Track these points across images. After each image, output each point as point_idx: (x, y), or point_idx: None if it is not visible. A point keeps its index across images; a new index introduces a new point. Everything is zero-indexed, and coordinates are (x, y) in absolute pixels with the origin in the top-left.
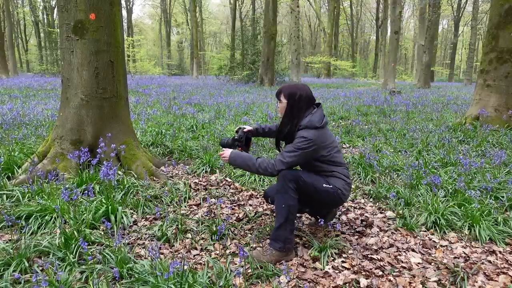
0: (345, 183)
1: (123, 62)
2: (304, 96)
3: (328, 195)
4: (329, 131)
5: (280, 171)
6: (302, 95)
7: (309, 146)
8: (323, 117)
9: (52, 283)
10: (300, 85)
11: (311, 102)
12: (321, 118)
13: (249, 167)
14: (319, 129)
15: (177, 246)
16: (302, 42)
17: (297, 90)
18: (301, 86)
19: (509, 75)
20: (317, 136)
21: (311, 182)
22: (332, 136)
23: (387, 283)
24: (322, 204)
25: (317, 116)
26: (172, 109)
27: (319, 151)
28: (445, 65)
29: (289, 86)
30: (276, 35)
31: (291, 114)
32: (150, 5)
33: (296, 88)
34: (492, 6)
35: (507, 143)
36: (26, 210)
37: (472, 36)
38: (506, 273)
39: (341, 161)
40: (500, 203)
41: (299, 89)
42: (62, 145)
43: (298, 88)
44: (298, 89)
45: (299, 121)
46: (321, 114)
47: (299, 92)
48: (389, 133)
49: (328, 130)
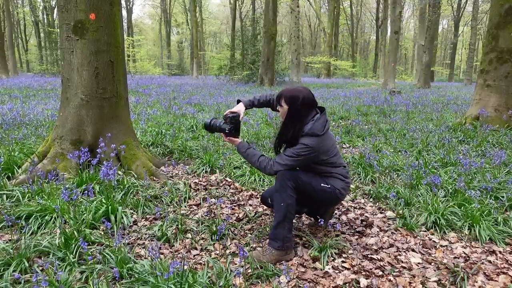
0: (344, 183)
1: (123, 62)
2: (306, 100)
3: (325, 194)
4: (330, 134)
5: (276, 172)
6: (304, 99)
7: (309, 153)
8: (325, 124)
9: (52, 283)
10: (301, 88)
11: (313, 106)
12: (323, 125)
13: (252, 162)
14: (321, 136)
15: (177, 246)
16: (302, 42)
17: (299, 94)
18: (302, 90)
19: (509, 75)
20: (318, 143)
21: (309, 182)
22: (332, 139)
23: (387, 283)
24: (319, 203)
25: (320, 123)
26: (172, 109)
27: (319, 156)
28: (445, 65)
29: (290, 90)
30: (276, 35)
31: (293, 119)
32: (150, 5)
33: (298, 92)
34: (492, 6)
35: (507, 143)
36: (26, 210)
37: (472, 36)
38: (506, 273)
39: (340, 162)
40: (500, 203)
41: (300, 93)
42: (62, 145)
43: (299, 92)
44: (299, 93)
45: (302, 127)
46: (324, 120)
47: (300, 96)
48: (389, 133)
49: (329, 134)
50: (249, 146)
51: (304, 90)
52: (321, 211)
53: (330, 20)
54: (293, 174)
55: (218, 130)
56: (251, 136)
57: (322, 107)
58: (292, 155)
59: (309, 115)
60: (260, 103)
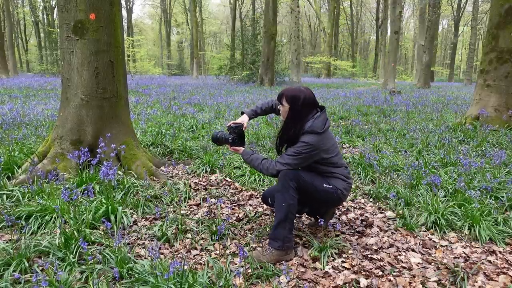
0: (346, 184)
1: (123, 62)
2: (307, 100)
3: (327, 195)
4: (331, 133)
5: (279, 171)
6: (305, 98)
7: (310, 151)
8: (325, 122)
9: (52, 283)
10: (303, 88)
11: (314, 105)
12: (323, 123)
13: (255, 166)
14: (321, 134)
15: (177, 246)
16: (302, 42)
17: (300, 93)
18: (304, 90)
19: (509, 75)
20: (318, 141)
21: (311, 182)
22: (333, 139)
23: (387, 283)
24: (321, 204)
25: (320, 121)
26: (172, 109)
27: (320, 154)
28: (445, 65)
29: (292, 90)
30: (276, 35)
31: (294, 118)
32: (150, 5)
33: (299, 91)
34: (492, 6)
35: (507, 143)
36: (26, 210)
37: (472, 36)
38: (506, 273)
39: (341, 163)
40: (500, 203)
41: (302, 92)
42: (62, 145)
43: (301, 91)
44: (301, 93)
45: (302, 126)
46: (324, 119)
47: (302, 96)
48: (389, 133)
49: (329, 133)
50: (252, 152)
51: (305, 90)
52: (322, 211)
53: (330, 20)
54: (295, 174)
55: (223, 141)
56: (251, 136)
57: (322, 106)
58: (293, 153)
59: (310, 114)
60: (263, 111)
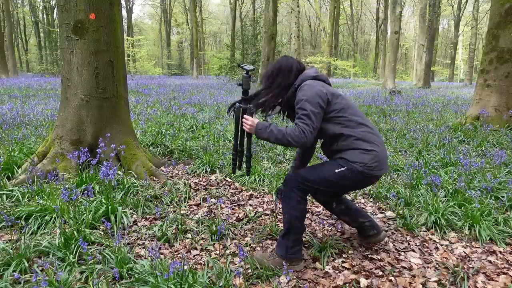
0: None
1: (123, 62)
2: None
3: (345, 179)
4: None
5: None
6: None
7: (311, 95)
8: (318, 72)
9: (52, 283)
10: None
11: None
12: (316, 71)
13: (279, 139)
14: (316, 79)
15: (177, 246)
16: (302, 42)
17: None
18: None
19: (510, 75)
20: (314, 83)
21: (320, 177)
22: (342, 96)
23: (387, 283)
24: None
25: (312, 71)
26: (172, 109)
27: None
28: (445, 65)
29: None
30: (276, 35)
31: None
32: (150, 5)
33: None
34: (492, 6)
35: (507, 143)
36: (26, 210)
37: (472, 36)
38: (506, 273)
39: (362, 122)
40: (500, 203)
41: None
42: (62, 145)
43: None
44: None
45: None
46: (316, 70)
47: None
48: (389, 133)
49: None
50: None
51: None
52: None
53: (330, 20)
54: (297, 178)
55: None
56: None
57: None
58: (300, 108)
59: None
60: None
